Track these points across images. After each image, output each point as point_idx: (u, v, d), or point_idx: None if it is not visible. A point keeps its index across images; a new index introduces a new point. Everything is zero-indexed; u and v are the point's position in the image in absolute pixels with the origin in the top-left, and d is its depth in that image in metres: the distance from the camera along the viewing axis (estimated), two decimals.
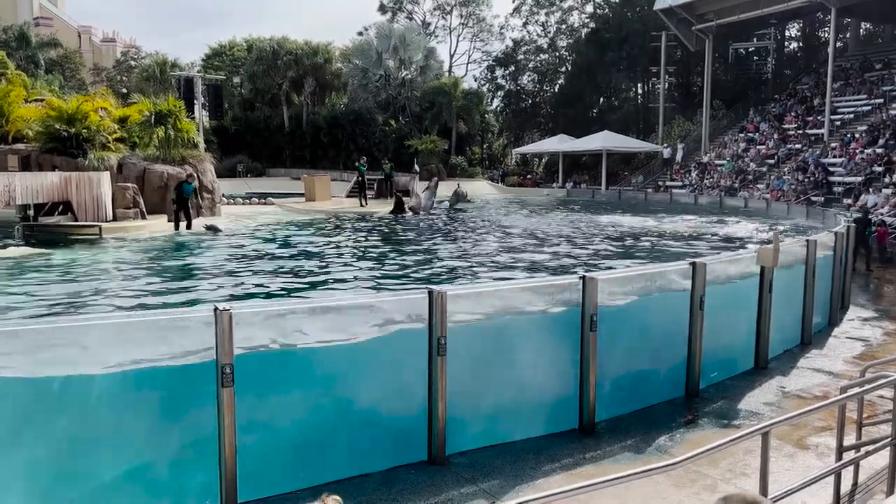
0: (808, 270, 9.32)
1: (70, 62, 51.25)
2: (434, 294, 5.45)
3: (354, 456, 5.33)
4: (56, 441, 4.40)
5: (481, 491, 5.17)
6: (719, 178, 34.39)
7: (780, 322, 8.66)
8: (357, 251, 15.96)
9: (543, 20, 56.68)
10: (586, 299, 6.21)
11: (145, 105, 23.62)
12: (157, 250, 16.01)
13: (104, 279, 12.57)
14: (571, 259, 14.83)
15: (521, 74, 57.59)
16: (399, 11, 55.99)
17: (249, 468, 4.84)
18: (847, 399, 4.35)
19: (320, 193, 30.82)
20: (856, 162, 26.92)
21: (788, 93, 39.00)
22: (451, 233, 20.71)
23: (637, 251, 16.37)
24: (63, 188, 18.77)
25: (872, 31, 44.60)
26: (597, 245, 17.37)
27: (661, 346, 7.15)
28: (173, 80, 36.94)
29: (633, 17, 48.10)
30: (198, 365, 4.72)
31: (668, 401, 7.09)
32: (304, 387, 5.26)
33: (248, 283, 11.74)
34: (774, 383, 7.77)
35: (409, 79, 47.38)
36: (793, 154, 31.97)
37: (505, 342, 6.05)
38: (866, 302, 12.82)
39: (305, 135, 46.91)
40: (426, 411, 5.59)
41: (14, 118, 22.21)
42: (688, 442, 6.04)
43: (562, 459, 5.73)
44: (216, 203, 23.82)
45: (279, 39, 47.58)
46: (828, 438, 5.82)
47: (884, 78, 33.00)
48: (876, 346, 9.46)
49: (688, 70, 48.87)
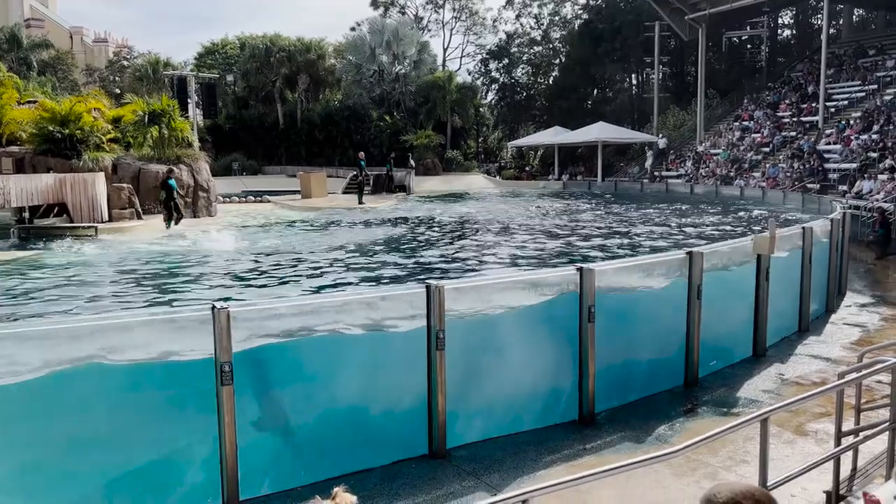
0: (804, 258, 9.34)
1: (62, 63, 50.92)
2: (432, 288, 5.46)
3: (355, 451, 5.34)
4: (56, 440, 4.40)
5: (482, 484, 5.19)
6: (715, 167, 34.38)
7: (778, 309, 8.69)
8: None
9: (536, 12, 56.61)
10: (584, 290, 6.23)
11: (139, 105, 23.54)
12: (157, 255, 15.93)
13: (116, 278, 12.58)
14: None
15: (514, 67, 57.46)
16: (391, 6, 55.77)
17: (250, 465, 4.85)
18: (845, 385, 4.36)
19: (316, 190, 30.79)
20: (851, 148, 26.92)
21: (782, 80, 38.94)
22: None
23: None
24: (58, 190, 18.72)
25: (865, 18, 44.55)
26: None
27: (660, 336, 7.17)
28: (166, 79, 36.80)
29: (626, 7, 48.01)
30: (199, 363, 4.73)
31: (667, 390, 7.12)
32: (303, 383, 5.26)
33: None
34: (773, 371, 7.80)
35: (403, 73, 47.22)
36: (788, 142, 31.96)
37: (504, 335, 6.05)
38: (863, 288, 12.85)
39: (300, 132, 46.79)
40: (426, 405, 5.60)
41: (7, 120, 22.11)
42: (687, 431, 6.06)
43: (562, 451, 5.75)
44: (212, 202, 23.76)
45: (272, 37, 47.41)
46: (826, 424, 5.84)
47: (877, 64, 32.96)
48: (873, 332, 9.49)
49: (681, 60, 48.80)
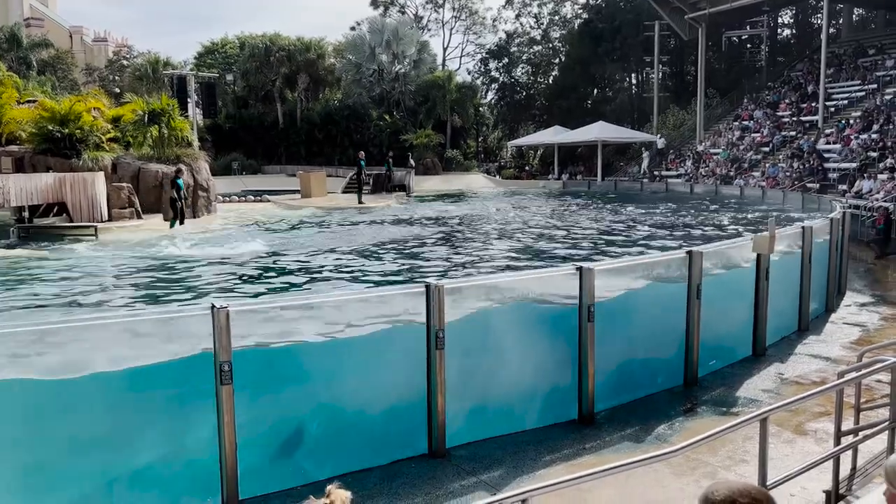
0: (804, 257, 9.34)
1: (62, 63, 50.88)
2: (431, 288, 5.45)
3: (355, 450, 5.34)
4: (57, 440, 4.40)
5: (482, 483, 5.19)
6: (715, 166, 34.38)
7: (778, 309, 8.68)
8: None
9: (536, 12, 56.58)
10: (584, 290, 6.22)
11: (138, 104, 23.52)
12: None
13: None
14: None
15: (514, 67, 57.44)
16: (391, 6, 55.74)
17: (250, 464, 4.85)
18: (845, 384, 4.36)
19: (316, 190, 30.76)
20: (851, 148, 26.91)
21: (782, 80, 38.93)
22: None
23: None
24: (57, 189, 18.71)
25: (865, 17, 44.53)
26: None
27: (660, 335, 7.17)
28: (166, 78, 36.77)
29: (625, 7, 47.98)
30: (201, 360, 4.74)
31: (667, 389, 7.11)
32: (303, 382, 5.26)
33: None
34: (772, 370, 7.80)
35: (403, 73, 47.17)
36: (788, 141, 31.96)
37: (503, 334, 6.05)
38: (863, 287, 12.85)
39: (300, 131, 46.76)
40: (426, 404, 5.60)
41: (7, 120, 22.09)
42: (687, 430, 6.06)
43: (562, 450, 5.75)
44: (212, 202, 23.75)
45: (271, 36, 47.36)
46: (826, 424, 5.84)
47: (877, 63, 32.95)
48: (873, 331, 9.49)
49: (681, 59, 48.78)
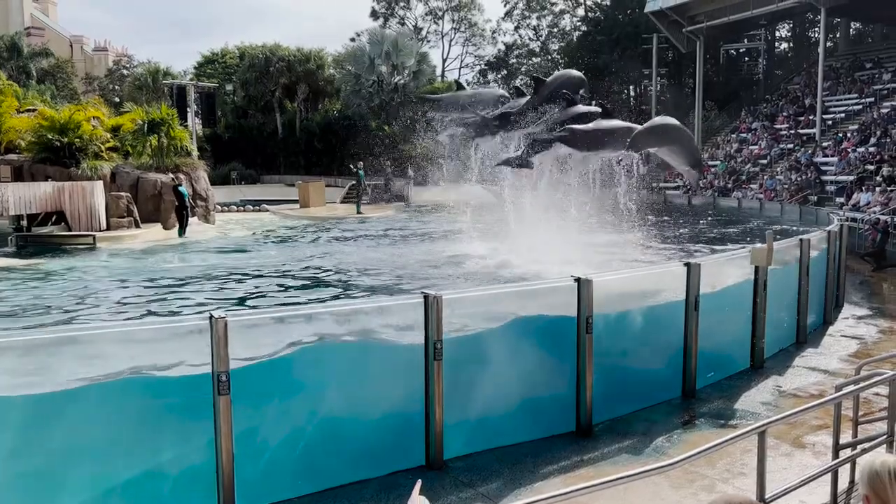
0: (801, 269, 9.35)
1: (62, 72, 51.02)
2: (430, 298, 5.45)
3: (352, 462, 5.32)
4: (52, 451, 4.37)
5: (479, 495, 5.16)
6: (713, 178, 34.46)
7: (776, 321, 8.68)
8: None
9: (535, 24, 56.83)
10: (582, 301, 6.22)
11: (138, 113, 23.59)
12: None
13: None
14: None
15: (513, 78, 57.67)
16: (391, 17, 56.05)
17: (247, 476, 4.82)
18: (843, 397, 4.36)
19: (315, 200, 30.82)
20: (848, 161, 27.01)
21: (780, 93, 39.12)
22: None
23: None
24: (56, 198, 18.72)
25: (862, 31, 44.80)
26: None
27: (658, 347, 7.16)
28: (166, 88, 36.88)
29: (624, 19, 48.23)
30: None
31: (665, 402, 7.09)
32: (299, 394, 5.24)
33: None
34: (770, 382, 7.79)
35: (402, 84, 47.36)
36: (785, 154, 32.07)
37: (501, 345, 6.04)
38: (861, 300, 12.85)
39: (299, 141, 46.87)
40: (423, 416, 5.58)
41: (6, 129, 22.13)
42: (685, 442, 6.04)
43: (560, 462, 5.73)
44: (210, 211, 23.76)
45: (271, 46, 47.56)
46: (824, 437, 5.83)
47: (874, 77, 33.13)
48: (871, 344, 9.49)
49: (679, 72, 49.00)
